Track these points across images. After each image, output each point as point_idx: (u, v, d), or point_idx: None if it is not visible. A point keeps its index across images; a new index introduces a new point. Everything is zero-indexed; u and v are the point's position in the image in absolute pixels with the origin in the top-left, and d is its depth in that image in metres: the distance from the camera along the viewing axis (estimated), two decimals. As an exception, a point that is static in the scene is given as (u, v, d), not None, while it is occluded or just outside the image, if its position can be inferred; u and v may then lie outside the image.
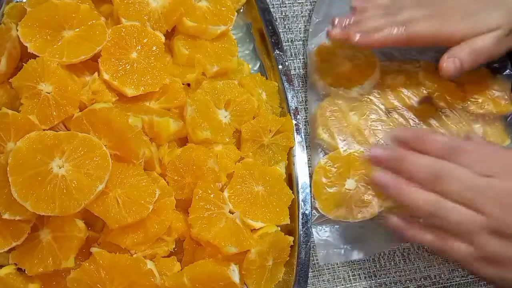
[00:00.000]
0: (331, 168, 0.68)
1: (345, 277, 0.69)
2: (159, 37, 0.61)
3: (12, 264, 0.54)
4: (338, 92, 0.72)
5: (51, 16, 0.58)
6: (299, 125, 0.67)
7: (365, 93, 0.72)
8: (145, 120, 0.58)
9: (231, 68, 0.67)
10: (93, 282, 0.52)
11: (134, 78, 0.59)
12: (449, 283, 0.71)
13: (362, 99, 0.72)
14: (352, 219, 0.67)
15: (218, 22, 0.66)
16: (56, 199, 0.50)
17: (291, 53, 0.79)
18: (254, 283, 0.59)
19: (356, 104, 0.72)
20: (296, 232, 0.62)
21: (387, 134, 0.70)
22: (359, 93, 0.72)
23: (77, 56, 0.57)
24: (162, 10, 0.63)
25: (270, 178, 0.62)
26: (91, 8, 0.60)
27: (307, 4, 0.82)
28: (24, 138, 0.51)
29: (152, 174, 0.59)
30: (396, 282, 0.70)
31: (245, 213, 0.59)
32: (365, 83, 0.72)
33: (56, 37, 0.58)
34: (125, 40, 0.59)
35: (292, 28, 0.80)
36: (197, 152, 0.59)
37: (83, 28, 0.59)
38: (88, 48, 0.57)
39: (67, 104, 0.55)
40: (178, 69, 0.65)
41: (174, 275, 0.56)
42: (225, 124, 0.63)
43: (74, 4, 0.58)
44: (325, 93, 0.73)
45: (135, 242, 0.55)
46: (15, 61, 0.60)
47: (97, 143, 0.53)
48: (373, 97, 0.72)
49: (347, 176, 0.68)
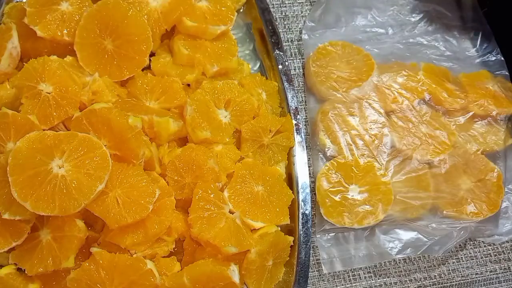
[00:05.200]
0: (334, 175, 0.68)
1: (345, 277, 0.69)
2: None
3: (12, 264, 0.54)
4: (337, 96, 0.72)
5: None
6: (299, 125, 0.67)
7: (363, 96, 0.72)
8: (145, 120, 0.58)
9: (231, 68, 0.67)
10: (93, 282, 0.52)
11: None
12: (449, 283, 0.71)
13: (362, 103, 0.72)
14: (357, 225, 0.67)
15: (218, 22, 0.66)
16: (56, 199, 0.50)
17: (291, 53, 0.79)
18: (254, 283, 0.59)
19: (356, 108, 0.72)
20: (296, 232, 0.62)
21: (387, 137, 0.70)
22: (357, 96, 0.72)
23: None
24: (162, 9, 0.63)
25: (270, 178, 0.62)
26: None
27: (307, 4, 0.82)
28: (24, 138, 0.51)
29: (152, 174, 0.59)
30: (396, 282, 0.70)
31: (245, 213, 0.59)
32: (363, 84, 0.72)
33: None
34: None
35: (292, 28, 0.80)
36: (197, 152, 0.59)
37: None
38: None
39: (67, 105, 0.55)
40: (178, 69, 0.65)
41: (174, 275, 0.56)
42: (225, 124, 0.63)
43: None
44: (324, 97, 0.73)
45: (135, 242, 0.55)
46: (15, 61, 0.60)
47: (97, 143, 0.53)
48: (372, 100, 0.72)
49: (350, 182, 0.68)
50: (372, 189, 0.67)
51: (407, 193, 0.69)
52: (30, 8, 0.59)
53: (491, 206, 0.69)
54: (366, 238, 0.68)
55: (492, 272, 0.72)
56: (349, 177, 0.68)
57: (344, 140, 0.70)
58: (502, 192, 0.70)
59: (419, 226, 0.68)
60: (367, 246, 0.68)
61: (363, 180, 0.68)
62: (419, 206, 0.69)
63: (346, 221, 0.66)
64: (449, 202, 0.69)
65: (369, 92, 0.72)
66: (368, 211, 0.67)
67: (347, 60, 0.74)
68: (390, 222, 0.69)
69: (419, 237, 0.68)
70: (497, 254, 0.73)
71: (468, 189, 0.70)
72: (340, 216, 0.66)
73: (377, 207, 0.67)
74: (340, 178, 0.68)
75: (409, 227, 0.69)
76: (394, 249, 0.67)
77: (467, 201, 0.69)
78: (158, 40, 0.65)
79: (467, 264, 0.72)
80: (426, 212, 0.70)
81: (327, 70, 0.73)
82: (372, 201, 0.67)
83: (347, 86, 0.72)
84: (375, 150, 0.69)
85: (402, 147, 0.70)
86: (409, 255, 0.68)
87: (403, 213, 0.68)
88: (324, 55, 0.75)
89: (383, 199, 0.67)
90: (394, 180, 0.69)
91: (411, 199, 0.68)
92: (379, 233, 0.68)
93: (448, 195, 0.69)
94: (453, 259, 0.72)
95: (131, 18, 0.59)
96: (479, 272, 0.71)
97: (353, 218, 0.66)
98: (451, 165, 0.70)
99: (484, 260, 0.72)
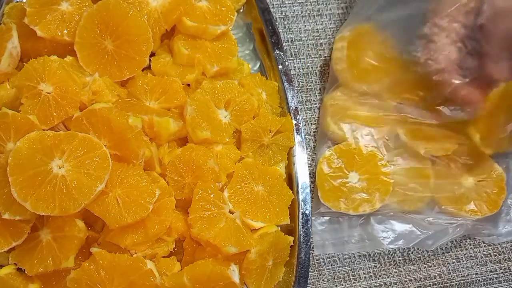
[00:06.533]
0: (336, 160, 0.69)
1: (345, 277, 0.69)
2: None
3: (12, 264, 0.54)
4: (351, 84, 0.71)
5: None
6: (299, 125, 0.67)
7: (377, 90, 0.71)
8: (145, 120, 0.58)
9: (231, 68, 0.67)
10: (93, 282, 0.52)
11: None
12: (449, 283, 0.71)
13: (373, 94, 0.71)
14: (353, 212, 0.67)
15: (218, 22, 0.66)
16: (56, 199, 0.50)
17: (291, 53, 0.79)
18: (254, 283, 0.59)
19: (367, 96, 0.71)
20: (296, 232, 0.62)
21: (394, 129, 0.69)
22: (372, 89, 0.71)
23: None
24: (162, 9, 0.63)
25: (270, 178, 0.62)
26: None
27: (307, 4, 0.82)
28: (24, 138, 0.51)
29: (152, 174, 0.59)
30: (396, 282, 0.70)
31: (245, 213, 0.59)
32: (382, 81, 0.70)
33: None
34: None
35: (292, 28, 0.80)
36: (197, 152, 0.59)
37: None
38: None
39: (67, 105, 0.55)
40: (178, 69, 0.65)
41: (174, 275, 0.56)
42: (225, 124, 0.63)
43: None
44: (343, 83, 0.72)
45: (135, 242, 0.55)
46: (15, 61, 0.61)
47: (97, 143, 0.53)
48: (384, 93, 0.71)
49: (351, 169, 0.69)
50: (371, 178, 0.68)
51: (407, 185, 0.69)
52: (30, 8, 0.59)
53: (491, 206, 0.69)
54: (360, 225, 0.69)
55: (492, 272, 0.72)
56: (351, 164, 0.69)
57: (350, 127, 0.70)
58: (504, 193, 0.70)
59: (415, 219, 0.69)
60: (361, 234, 0.69)
61: (364, 169, 0.68)
62: (418, 199, 0.69)
63: (342, 207, 0.67)
64: (448, 198, 0.69)
65: (383, 88, 0.71)
66: (364, 199, 0.67)
67: (376, 53, 0.71)
68: (387, 212, 0.69)
69: (413, 229, 0.68)
70: (497, 254, 0.73)
71: (469, 187, 0.70)
72: (337, 201, 0.67)
73: (374, 196, 0.67)
74: (341, 164, 0.69)
75: (404, 219, 0.69)
76: (387, 239, 0.68)
77: (467, 199, 0.69)
78: (158, 40, 0.65)
79: (467, 264, 0.72)
80: (424, 205, 0.70)
81: (356, 56, 0.71)
82: (370, 190, 0.67)
83: (368, 79, 0.70)
84: (379, 141, 0.70)
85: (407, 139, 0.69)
86: (401, 247, 0.68)
87: (400, 204, 0.69)
88: (359, 38, 0.72)
89: (381, 188, 0.67)
90: (395, 171, 0.69)
91: (410, 191, 0.69)
92: (374, 222, 0.69)
93: (449, 191, 0.69)
94: (453, 259, 0.72)
95: (131, 19, 0.59)
96: (479, 272, 0.71)
97: (349, 204, 0.67)
98: (454, 162, 0.70)
99: (484, 260, 0.72)
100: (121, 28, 0.59)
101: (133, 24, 0.59)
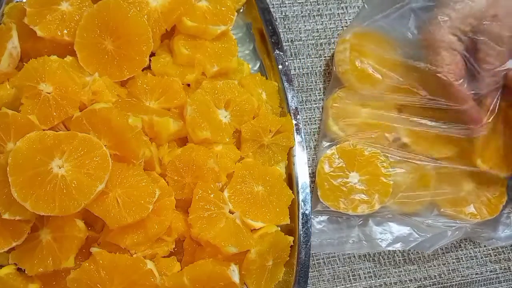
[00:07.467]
0: (337, 160, 0.69)
1: (345, 277, 0.69)
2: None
3: (12, 264, 0.54)
4: (353, 86, 0.71)
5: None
6: (299, 125, 0.67)
7: (379, 93, 0.71)
8: (145, 120, 0.58)
9: (231, 68, 0.67)
10: (93, 282, 0.52)
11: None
12: (449, 283, 0.71)
13: (375, 96, 0.71)
14: (352, 212, 0.67)
15: (218, 22, 0.66)
16: (56, 199, 0.50)
17: (291, 53, 0.79)
18: (254, 283, 0.59)
19: (369, 99, 0.71)
20: (296, 232, 0.62)
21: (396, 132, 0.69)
22: (374, 92, 0.71)
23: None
24: (162, 9, 0.63)
25: (270, 178, 0.62)
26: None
27: (307, 4, 0.82)
28: (24, 138, 0.51)
29: (152, 174, 0.59)
30: (396, 282, 0.70)
31: (245, 213, 0.59)
32: (384, 84, 0.70)
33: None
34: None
35: (292, 28, 0.80)
36: (197, 152, 0.59)
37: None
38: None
39: (67, 105, 0.55)
40: (178, 69, 0.65)
41: (174, 275, 0.56)
42: (225, 124, 0.63)
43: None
44: (345, 85, 0.72)
45: (135, 242, 0.55)
46: (15, 61, 0.60)
47: (97, 143, 0.53)
48: (386, 95, 0.71)
49: (351, 169, 0.68)
50: (372, 179, 0.68)
51: (407, 187, 0.69)
52: (30, 8, 0.59)
53: (491, 209, 0.69)
54: (358, 226, 0.69)
55: (492, 272, 0.72)
56: (352, 164, 0.69)
57: (352, 129, 0.70)
58: (504, 197, 0.70)
59: (414, 221, 0.69)
60: (358, 235, 0.69)
61: (365, 170, 0.68)
62: (417, 202, 0.69)
63: (341, 206, 0.67)
64: (448, 201, 0.69)
65: (384, 91, 0.71)
66: (364, 200, 0.67)
67: (379, 56, 0.71)
68: (385, 214, 0.69)
69: (412, 232, 0.68)
70: (497, 254, 0.73)
71: (470, 190, 0.70)
72: (336, 200, 0.67)
73: (373, 197, 0.67)
74: (342, 164, 0.69)
75: (403, 221, 0.69)
76: (385, 241, 0.68)
77: (467, 202, 0.69)
78: (158, 40, 0.65)
79: (467, 264, 0.72)
80: (423, 208, 0.70)
81: (361, 56, 0.71)
82: (370, 191, 0.67)
83: (370, 82, 0.70)
84: (381, 143, 0.69)
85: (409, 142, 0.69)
86: (398, 249, 0.68)
87: (400, 206, 0.69)
88: (364, 39, 0.72)
89: (381, 190, 0.67)
90: (396, 173, 0.69)
91: (410, 193, 0.69)
92: (372, 223, 0.69)
93: (449, 194, 0.69)
94: (453, 259, 0.72)
95: (131, 19, 0.59)
96: (479, 272, 0.72)
97: (349, 204, 0.67)
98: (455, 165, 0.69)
99: (484, 260, 0.72)
100: (121, 28, 0.59)
101: (133, 24, 0.59)
